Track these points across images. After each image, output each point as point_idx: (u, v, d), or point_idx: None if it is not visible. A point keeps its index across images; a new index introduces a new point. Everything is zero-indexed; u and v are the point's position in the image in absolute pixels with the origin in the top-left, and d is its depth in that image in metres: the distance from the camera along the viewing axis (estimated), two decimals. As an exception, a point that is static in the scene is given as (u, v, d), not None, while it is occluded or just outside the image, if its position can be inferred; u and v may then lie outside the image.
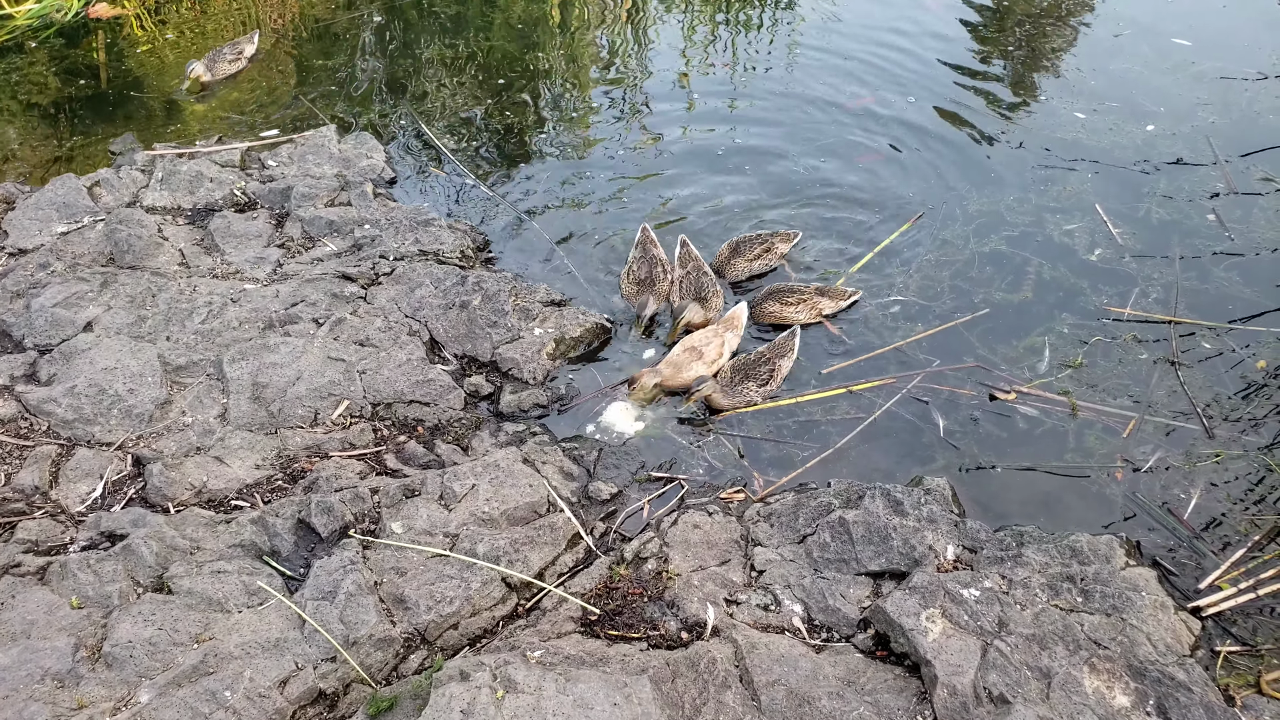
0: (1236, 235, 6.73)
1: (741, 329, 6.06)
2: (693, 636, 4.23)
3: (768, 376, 5.65)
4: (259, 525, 4.67)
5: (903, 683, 4.04)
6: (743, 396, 5.62)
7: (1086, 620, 4.18)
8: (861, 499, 4.84)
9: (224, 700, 3.83)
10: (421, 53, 9.25)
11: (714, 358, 5.79)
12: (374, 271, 6.43)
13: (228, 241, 6.63)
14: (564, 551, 4.78)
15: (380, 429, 5.48)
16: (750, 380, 5.64)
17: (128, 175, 7.13)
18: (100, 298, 5.96)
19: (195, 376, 5.61)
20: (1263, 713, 3.90)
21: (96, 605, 4.24)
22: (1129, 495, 5.06)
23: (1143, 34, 9.36)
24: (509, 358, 5.84)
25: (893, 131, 8.08)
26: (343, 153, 7.58)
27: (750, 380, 5.64)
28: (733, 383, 5.63)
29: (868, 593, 4.49)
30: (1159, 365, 5.78)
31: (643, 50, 9.56)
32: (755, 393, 5.63)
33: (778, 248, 6.62)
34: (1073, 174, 7.44)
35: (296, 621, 4.22)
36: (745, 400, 5.63)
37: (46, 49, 9.04)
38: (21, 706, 3.72)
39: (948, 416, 5.53)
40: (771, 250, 6.59)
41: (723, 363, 5.82)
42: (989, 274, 6.53)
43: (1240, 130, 7.86)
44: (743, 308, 6.14)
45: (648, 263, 6.35)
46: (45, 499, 4.85)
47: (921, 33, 9.55)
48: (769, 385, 5.66)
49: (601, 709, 3.71)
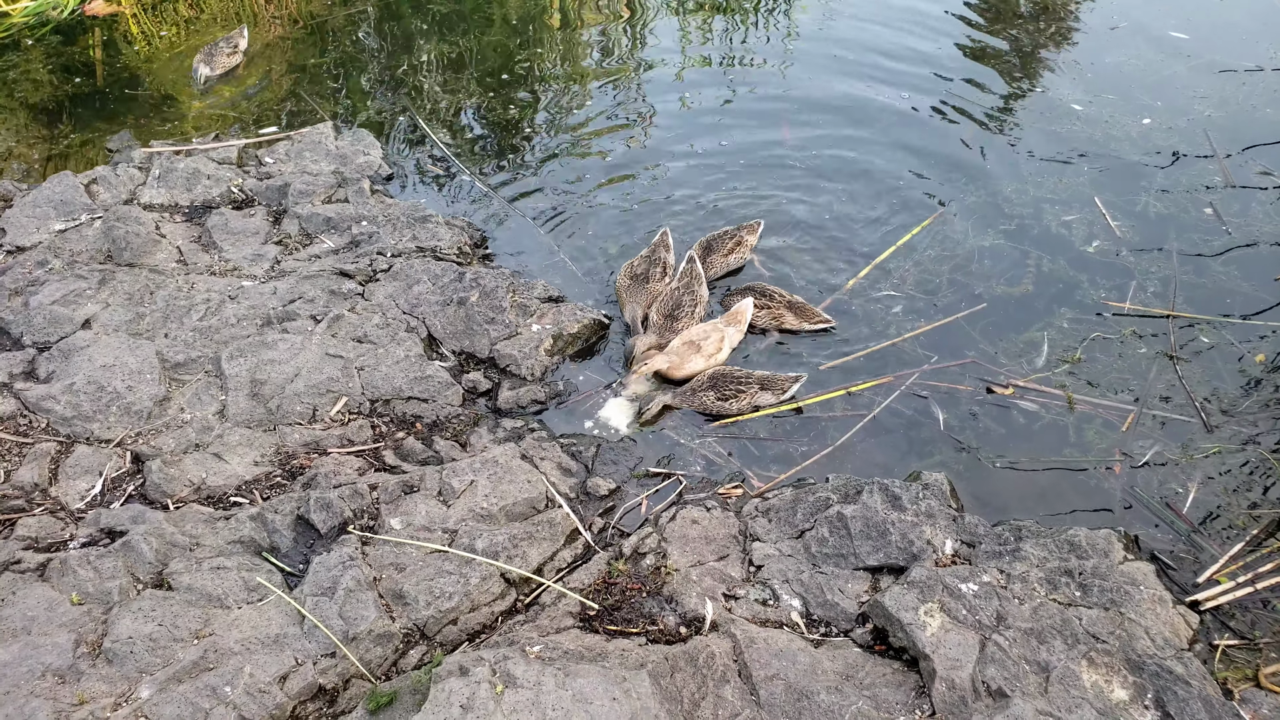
0: (1235, 229, 6.73)
1: (745, 325, 6.01)
2: (691, 631, 4.24)
3: (733, 394, 5.53)
4: (258, 522, 4.68)
5: (901, 677, 4.05)
6: (697, 401, 5.56)
7: (1085, 614, 4.19)
8: (860, 494, 4.85)
9: (224, 696, 3.84)
10: (419, 49, 9.24)
11: (712, 351, 5.78)
12: (371, 268, 6.43)
13: (225, 239, 6.63)
14: (562, 547, 4.78)
15: (379, 425, 5.48)
16: (714, 390, 5.54)
17: (125, 173, 7.12)
18: (98, 295, 5.96)
19: (194, 373, 5.61)
20: (1261, 706, 3.91)
21: (97, 601, 4.24)
22: (1127, 489, 5.07)
23: (1140, 28, 9.36)
24: (507, 354, 5.84)
25: (886, 121, 8.10)
26: (340, 149, 7.58)
27: (714, 390, 5.54)
28: (699, 389, 5.56)
29: (866, 587, 4.49)
30: (1157, 359, 5.78)
31: (640, 46, 9.55)
32: (711, 403, 5.53)
33: (746, 240, 6.59)
34: (1069, 167, 7.45)
35: (296, 617, 4.23)
36: (699, 404, 5.57)
37: (43, 46, 9.03)
38: (23, 703, 3.73)
39: (947, 411, 5.54)
40: (742, 244, 6.57)
41: (721, 357, 5.82)
42: (987, 267, 6.53)
43: (1237, 124, 7.86)
44: (748, 303, 6.06)
45: (648, 261, 6.32)
46: (45, 496, 4.86)
47: (917, 24, 9.57)
48: (728, 403, 5.53)
49: (601, 703, 3.72)
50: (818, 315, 6.11)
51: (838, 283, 6.48)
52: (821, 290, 6.44)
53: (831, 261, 6.70)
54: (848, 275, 6.54)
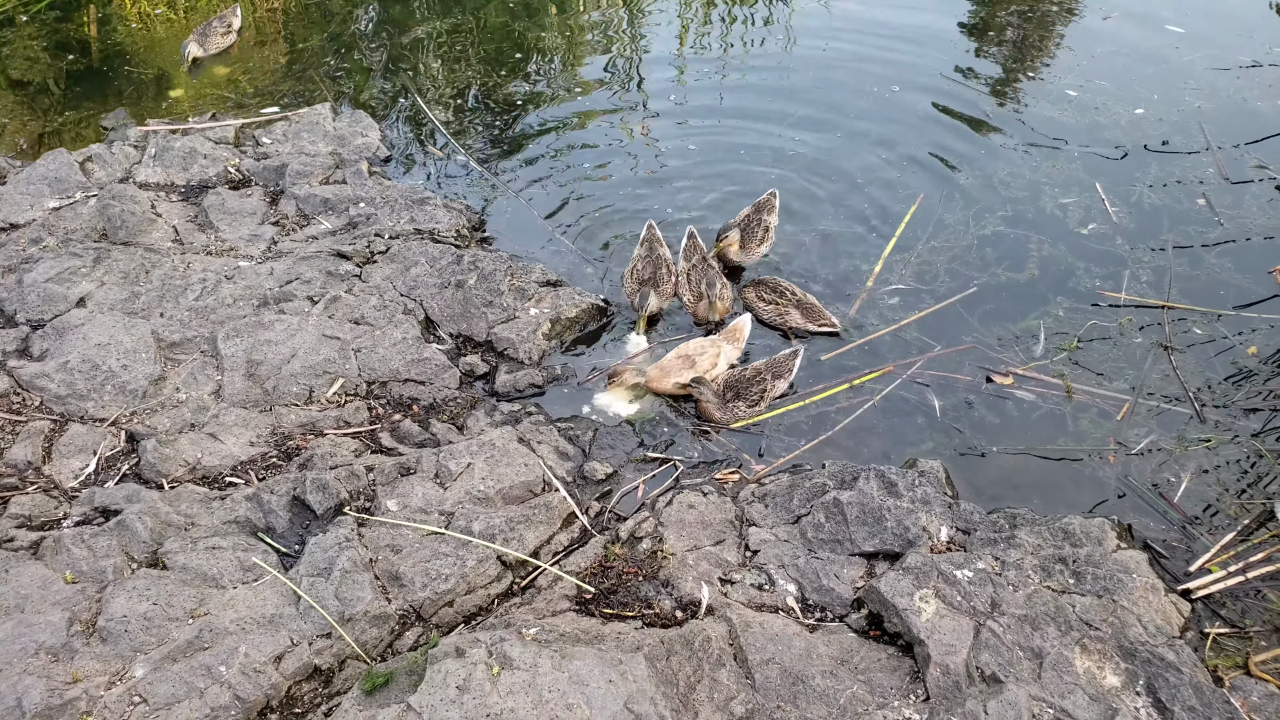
0: (1228, 221, 6.75)
1: (743, 342, 5.88)
2: (687, 615, 4.25)
3: (758, 396, 5.49)
4: (254, 502, 4.67)
5: (896, 662, 4.07)
6: (731, 414, 5.49)
7: (1078, 601, 4.21)
8: (856, 480, 4.86)
9: (219, 675, 3.83)
10: (417, 30, 9.18)
11: (706, 368, 5.60)
12: (369, 250, 6.40)
13: (222, 218, 6.60)
14: (559, 530, 4.79)
15: (375, 407, 5.47)
16: (740, 399, 5.48)
17: (120, 151, 7.08)
18: (93, 273, 5.93)
19: (189, 353, 5.59)
20: (1251, 693, 3.94)
21: (91, 580, 4.23)
22: (1121, 478, 5.09)
23: (1136, 20, 9.38)
24: (504, 337, 5.83)
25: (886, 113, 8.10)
26: (337, 130, 7.54)
27: (740, 399, 5.48)
28: (725, 399, 5.49)
29: (861, 573, 4.51)
30: (1152, 350, 5.80)
31: (639, 29, 9.52)
32: (744, 411, 5.48)
33: (769, 222, 6.47)
34: (1060, 155, 7.47)
35: (291, 598, 4.22)
36: (734, 417, 5.50)
37: (37, 23, 8.95)
38: (16, 680, 3.72)
39: (943, 399, 5.55)
40: (769, 230, 6.46)
41: (716, 373, 5.64)
42: (988, 255, 6.54)
43: (1231, 117, 7.88)
44: (746, 319, 5.95)
45: (652, 263, 6.17)
46: (38, 474, 4.84)
47: (914, 17, 9.59)
48: (759, 405, 5.50)
49: (597, 685, 3.73)
50: (824, 317, 6.01)
51: (834, 276, 6.48)
52: (825, 288, 6.42)
53: (836, 258, 6.68)
54: (848, 267, 6.55)
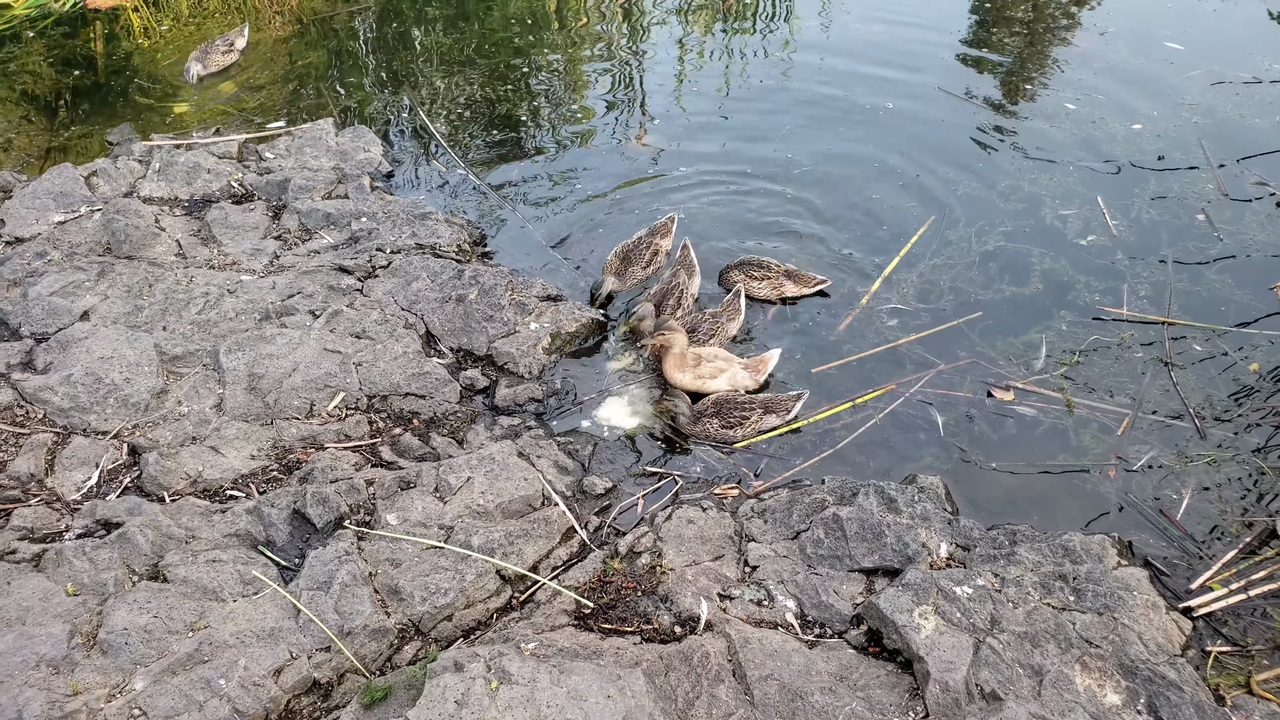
0: (1227, 237, 6.76)
1: (762, 376, 5.77)
2: (686, 631, 4.25)
3: (737, 421, 5.45)
4: (254, 515, 4.68)
5: (895, 679, 4.06)
6: (701, 428, 5.48)
7: (1078, 619, 4.20)
8: (855, 496, 4.86)
9: (219, 688, 3.83)
10: (420, 47, 9.24)
11: (708, 376, 5.63)
12: (371, 264, 6.43)
13: (225, 233, 6.63)
14: (558, 545, 4.79)
15: (376, 421, 5.48)
16: (720, 418, 5.46)
17: (125, 165, 7.12)
18: (97, 287, 5.95)
19: (191, 366, 5.61)
20: (1253, 712, 3.92)
21: (92, 592, 4.24)
22: (1122, 494, 5.09)
23: (1136, 38, 9.42)
24: (505, 352, 5.85)
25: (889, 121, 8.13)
26: (340, 145, 7.58)
27: (720, 418, 5.46)
28: (702, 413, 5.48)
29: (861, 589, 4.50)
30: (1152, 365, 5.80)
31: (639, 45, 9.57)
32: (715, 430, 5.46)
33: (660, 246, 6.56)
34: (1058, 169, 7.50)
35: (291, 611, 4.23)
36: (703, 431, 5.48)
37: (45, 39, 9.02)
38: (17, 692, 3.72)
39: (944, 414, 5.55)
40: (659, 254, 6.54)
41: (714, 385, 5.65)
42: (991, 271, 6.56)
43: (1228, 133, 7.90)
44: (774, 355, 5.83)
45: (639, 244, 6.43)
46: (41, 486, 4.85)
47: (917, 24, 9.65)
48: (733, 431, 5.46)
49: (595, 701, 3.73)
50: (813, 278, 6.38)
51: (836, 299, 6.50)
52: (828, 303, 6.44)
53: (838, 269, 6.71)
54: (853, 282, 6.57)
